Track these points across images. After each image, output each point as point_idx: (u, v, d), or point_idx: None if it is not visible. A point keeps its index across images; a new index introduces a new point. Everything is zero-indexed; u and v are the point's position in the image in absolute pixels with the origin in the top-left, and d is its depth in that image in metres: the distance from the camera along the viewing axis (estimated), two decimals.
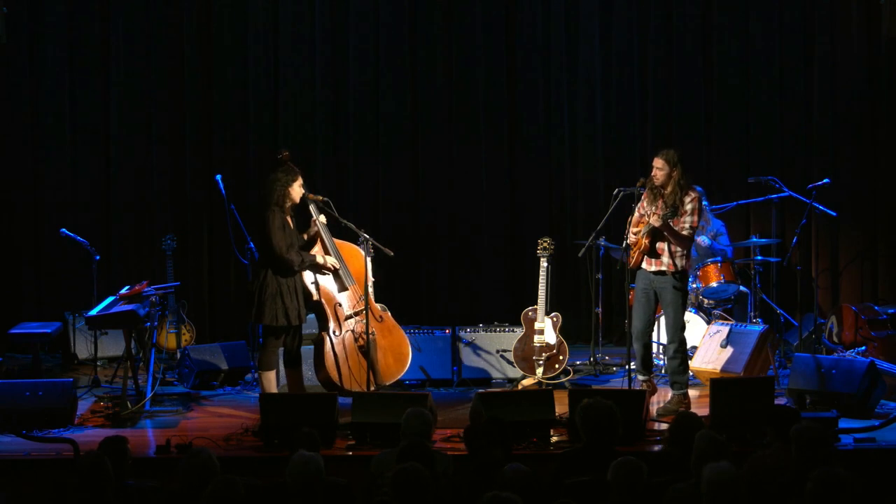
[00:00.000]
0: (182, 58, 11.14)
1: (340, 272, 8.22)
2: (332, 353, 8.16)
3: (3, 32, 10.76)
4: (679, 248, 8.18)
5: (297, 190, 8.00)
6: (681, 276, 8.25)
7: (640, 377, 8.43)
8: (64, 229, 10.07)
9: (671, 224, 8.07)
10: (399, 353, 8.41)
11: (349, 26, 11.24)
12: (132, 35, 11.09)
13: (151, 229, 11.02)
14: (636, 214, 8.37)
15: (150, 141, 11.16)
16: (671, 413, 7.89)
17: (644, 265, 8.27)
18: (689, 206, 8.14)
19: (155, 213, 11.16)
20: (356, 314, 8.20)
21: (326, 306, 8.19)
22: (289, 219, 8.02)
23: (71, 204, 11.03)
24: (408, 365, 8.50)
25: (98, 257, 9.92)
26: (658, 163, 8.21)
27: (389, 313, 8.50)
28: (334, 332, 8.17)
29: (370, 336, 8.13)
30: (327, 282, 8.21)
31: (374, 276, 8.35)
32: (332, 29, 11.23)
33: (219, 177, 9.65)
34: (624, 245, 8.34)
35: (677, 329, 8.30)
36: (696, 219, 8.18)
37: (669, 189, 8.17)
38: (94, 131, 11.14)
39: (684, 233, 8.16)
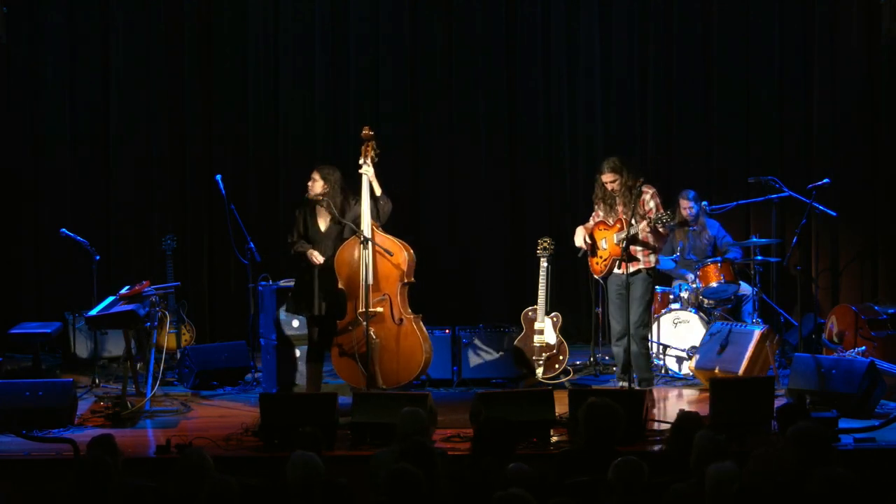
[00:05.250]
0: (182, 57, 11.15)
1: (362, 268, 8.19)
2: (337, 341, 8.21)
3: (4, 32, 10.77)
4: (651, 247, 8.32)
5: (313, 186, 8.34)
6: (654, 272, 8.58)
7: (621, 383, 8.42)
8: (64, 229, 10.06)
9: (657, 227, 8.32)
10: (408, 360, 8.36)
11: (349, 27, 11.26)
12: (132, 35, 11.11)
13: (151, 229, 11.03)
14: (590, 223, 8.66)
15: (149, 141, 11.17)
16: None
17: (618, 270, 8.39)
18: (652, 203, 8.37)
19: (155, 213, 11.17)
20: (368, 315, 8.15)
21: (348, 297, 8.21)
22: (322, 209, 8.32)
23: (71, 204, 11.04)
24: (417, 373, 8.50)
25: (98, 257, 9.91)
26: (609, 177, 8.50)
27: (419, 318, 8.41)
28: (348, 324, 8.21)
29: (373, 339, 8.17)
30: (352, 274, 8.18)
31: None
32: (332, 30, 11.24)
33: (219, 177, 9.65)
34: (581, 254, 8.68)
35: (642, 325, 8.45)
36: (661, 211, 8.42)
37: (622, 194, 8.38)
38: (93, 131, 11.16)
39: (660, 230, 8.39)
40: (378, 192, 8.28)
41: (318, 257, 8.24)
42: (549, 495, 5.16)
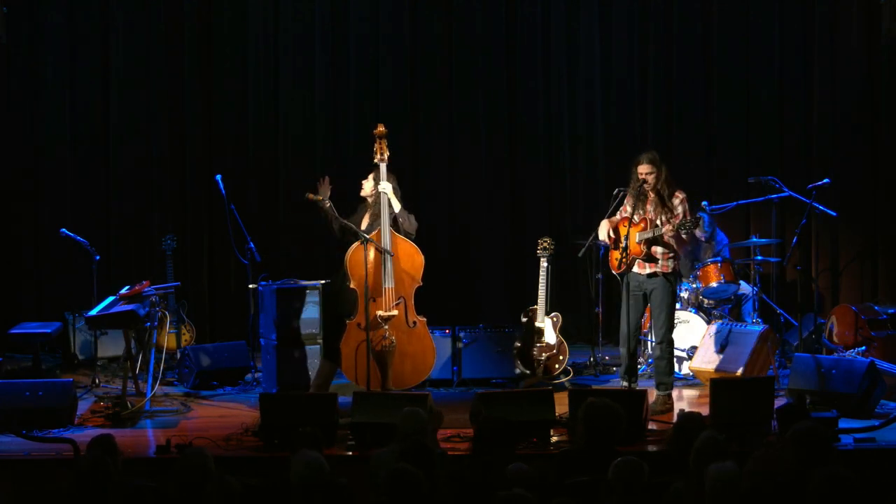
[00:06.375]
0: (182, 57, 11.16)
1: (383, 271, 8.19)
2: (349, 342, 8.17)
3: (4, 32, 10.77)
4: (673, 251, 8.23)
5: (365, 186, 8.42)
6: (673, 277, 8.32)
7: (623, 383, 8.37)
8: (64, 229, 10.06)
9: (681, 233, 8.15)
10: (419, 364, 8.35)
11: (349, 27, 11.26)
12: (132, 35, 11.12)
13: (151, 229, 11.03)
14: (616, 217, 8.40)
15: (149, 141, 11.18)
16: (656, 413, 7.92)
17: (636, 269, 8.26)
18: (680, 209, 8.17)
19: (155, 213, 11.17)
20: (385, 320, 8.15)
21: (359, 297, 8.17)
22: (368, 212, 8.39)
23: (71, 204, 11.04)
24: (425, 377, 8.52)
25: (98, 257, 9.91)
26: (646, 168, 8.16)
27: (425, 321, 8.41)
28: (358, 325, 8.17)
29: (389, 342, 8.16)
30: (367, 275, 8.15)
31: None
32: (332, 30, 11.25)
33: (219, 177, 9.64)
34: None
35: (668, 330, 8.30)
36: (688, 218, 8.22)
37: (658, 190, 8.19)
38: (93, 131, 11.16)
39: (683, 236, 8.22)
40: (397, 207, 8.27)
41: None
42: (550, 495, 5.16)
